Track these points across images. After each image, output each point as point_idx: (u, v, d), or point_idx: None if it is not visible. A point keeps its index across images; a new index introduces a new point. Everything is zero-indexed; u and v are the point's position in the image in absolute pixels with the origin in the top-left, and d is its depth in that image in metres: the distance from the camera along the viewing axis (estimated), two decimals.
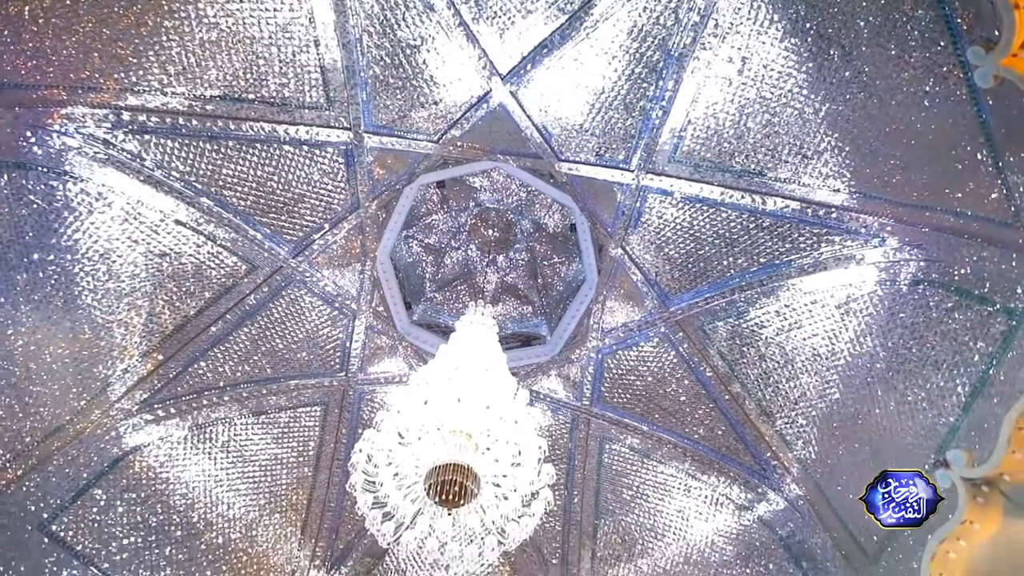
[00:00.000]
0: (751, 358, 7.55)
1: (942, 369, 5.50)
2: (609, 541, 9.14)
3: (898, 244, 5.75)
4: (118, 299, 6.88)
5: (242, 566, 8.12)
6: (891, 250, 5.82)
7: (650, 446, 8.74)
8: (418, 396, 4.64)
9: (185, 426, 7.92)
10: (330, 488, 9.07)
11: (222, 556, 7.96)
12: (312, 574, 8.90)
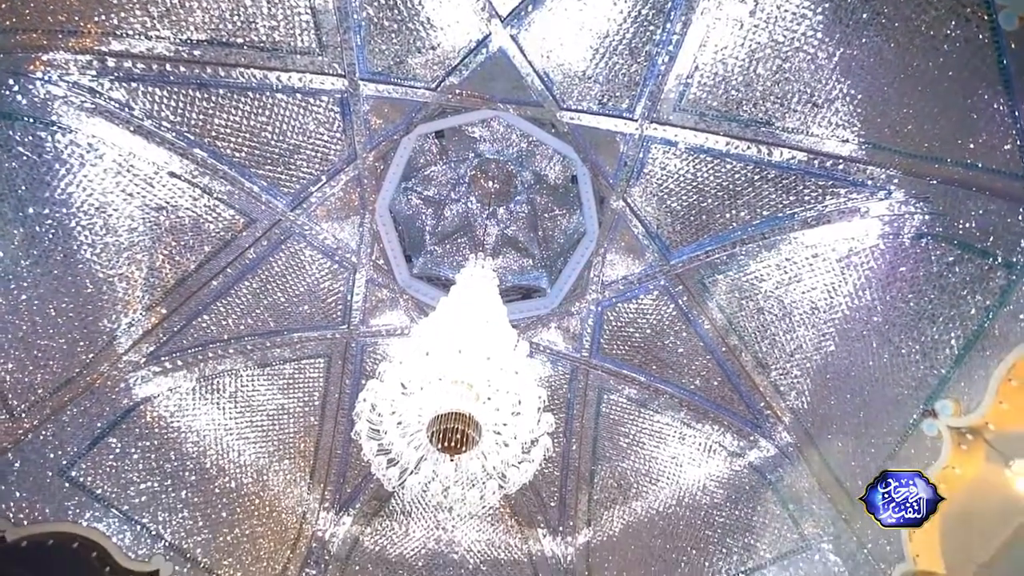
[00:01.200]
0: (750, 311, 7.61)
1: (937, 322, 5.57)
2: (605, 485, 9.56)
3: (904, 197, 5.67)
4: (117, 253, 6.87)
5: (255, 508, 8.54)
6: (896, 203, 5.75)
7: (647, 396, 8.97)
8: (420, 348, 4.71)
9: (193, 378, 8.10)
10: (336, 436, 9.39)
11: (236, 500, 8.36)
12: (322, 515, 9.37)
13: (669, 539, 8.55)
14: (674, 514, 8.71)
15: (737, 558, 7.67)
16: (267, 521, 8.63)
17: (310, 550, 9.02)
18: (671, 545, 8.47)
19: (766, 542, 7.52)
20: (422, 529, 9.70)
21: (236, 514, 8.28)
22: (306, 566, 8.85)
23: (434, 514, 9.76)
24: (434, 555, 9.49)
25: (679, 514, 8.65)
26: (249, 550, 8.23)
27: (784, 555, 7.26)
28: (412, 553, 9.49)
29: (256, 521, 8.48)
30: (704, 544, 8.11)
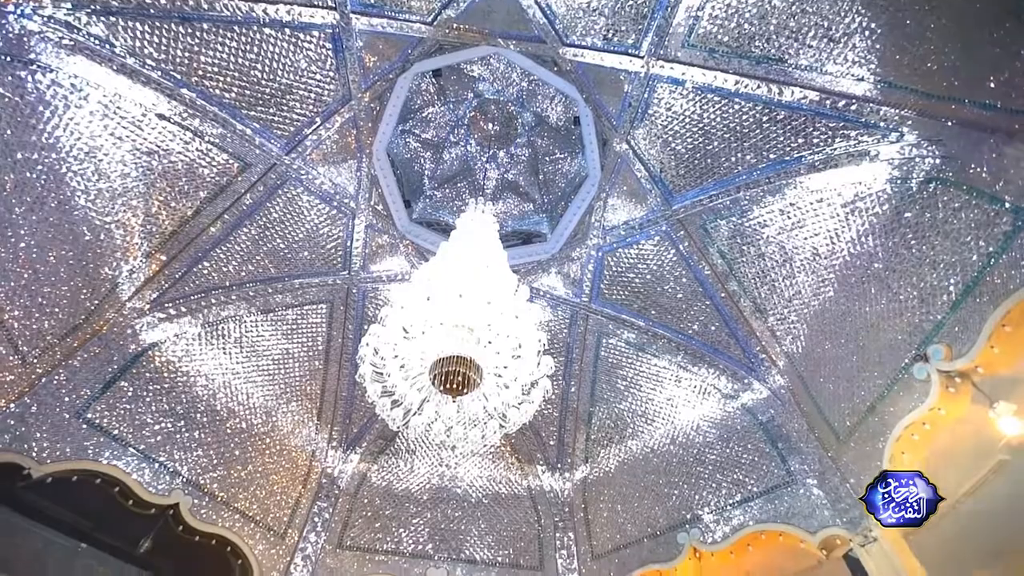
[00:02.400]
0: (750, 257, 7.59)
1: (938, 269, 5.57)
2: (602, 425, 9.92)
3: (916, 139, 5.50)
4: (112, 199, 6.77)
5: (266, 447, 8.91)
6: (908, 146, 5.59)
7: (645, 340, 9.13)
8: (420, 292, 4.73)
9: (197, 324, 8.21)
10: (341, 379, 9.65)
11: (247, 439, 8.70)
12: (331, 454, 9.80)
13: (662, 475, 8.97)
14: (667, 452, 9.09)
15: (726, 492, 8.07)
16: (278, 459, 9.03)
17: (320, 485, 9.50)
18: (664, 480, 8.89)
19: (754, 478, 7.89)
20: (426, 466, 10.16)
21: (248, 452, 8.65)
22: (317, 499, 9.35)
23: (438, 452, 10.21)
24: (438, 490, 10.00)
25: (672, 452, 9.03)
26: (263, 485, 8.67)
27: (770, 489, 7.63)
28: (418, 488, 10.00)
29: (268, 459, 8.88)
30: (695, 479, 8.52)
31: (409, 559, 9.19)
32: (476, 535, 9.65)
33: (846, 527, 6.62)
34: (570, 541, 9.51)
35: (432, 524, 9.66)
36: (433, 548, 9.37)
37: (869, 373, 6.40)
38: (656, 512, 8.72)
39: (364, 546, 9.25)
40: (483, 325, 4.51)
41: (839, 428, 6.95)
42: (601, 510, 9.51)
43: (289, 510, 8.93)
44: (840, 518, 6.72)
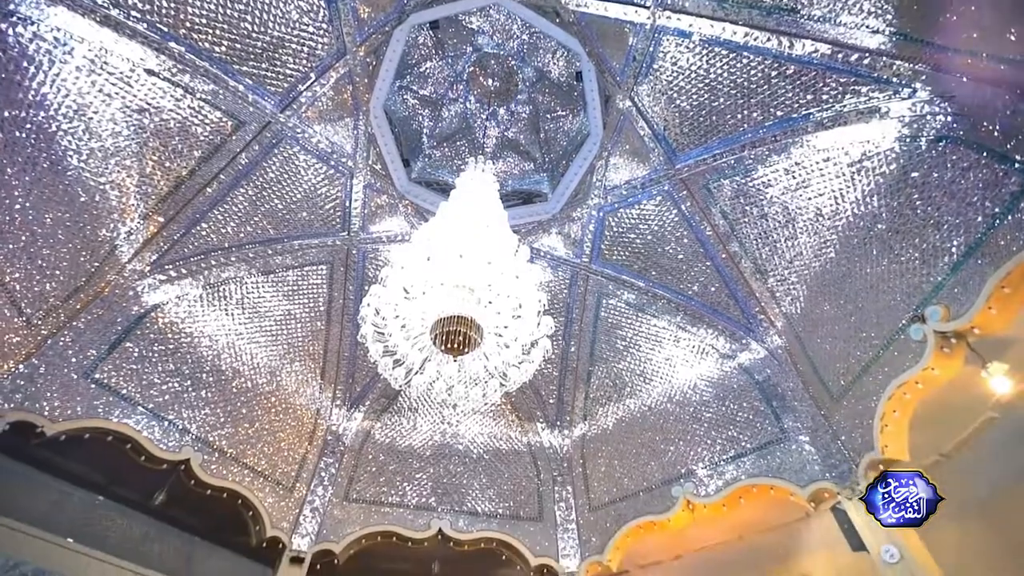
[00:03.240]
0: (753, 217, 7.53)
1: (942, 230, 5.52)
2: (601, 384, 10.10)
3: (928, 96, 5.34)
4: (104, 159, 6.65)
5: (271, 406, 9.11)
6: (919, 102, 5.43)
7: (645, 301, 9.17)
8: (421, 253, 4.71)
9: (198, 285, 8.24)
10: (343, 339, 9.76)
11: (253, 398, 8.89)
12: (335, 412, 10.03)
13: (658, 432, 9.20)
14: (664, 410, 9.30)
15: (720, 448, 8.31)
16: (284, 417, 9.25)
17: (326, 442, 9.78)
18: (660, 437, 9.14)
19: (748, 434, 8.10)
20: (429, 423, 10.43)
21: (255, 411, 8.85)
22: (323, 455, 9.65)
23: (439, 410, 10.45)
24: (441, 446, 10.30)
25: (669, 410, 9.24)
26: (270, 442, 8.92)
27: (763, 445, 7.85)
28: (420, 444, 10.29)
29: (274, 417, 9.10)
30: (691, 436, 8.75)
31: (413, 511, 9.56)
32: (478, 489, 10.00)
33: (835, 481, 6.85)
34: (568, 494, 9.87)
35: (435, 479, 9.99)
36: (436, 501, 9.73)
37: (866, 334, 6.46)
38: (652, 467, 9.01)
39: (370, 499, 9.61)
40: (484, 285, 4.51)
41: (833, 387, 7.08)
42: (599, 465, 9.82)
43: (296, 465, 9.23)
44: (829, 473, 6.94)
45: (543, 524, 9.63)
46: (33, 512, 6.23)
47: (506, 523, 9.62)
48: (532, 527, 9.59)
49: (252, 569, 8.19)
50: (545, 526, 9.60)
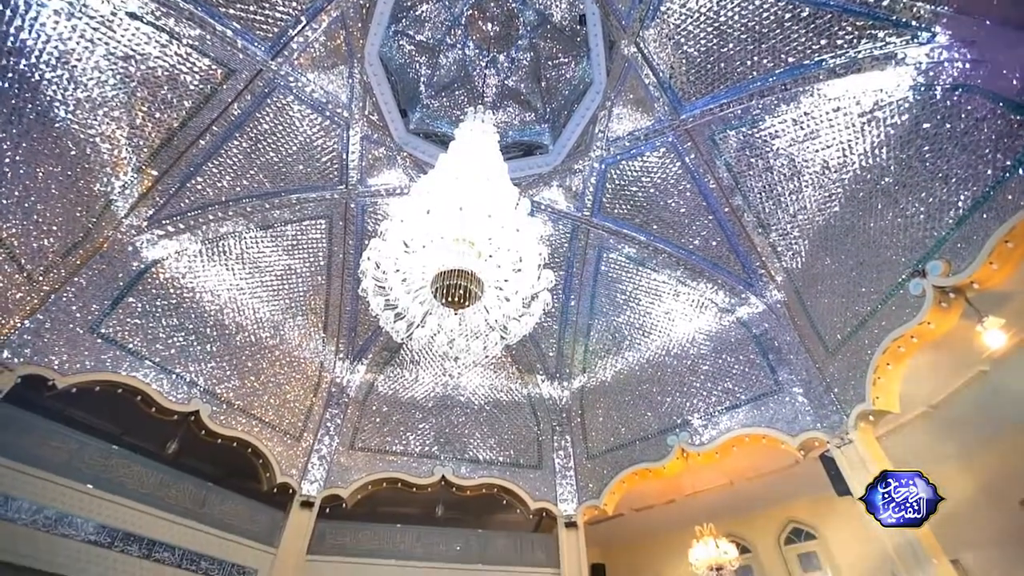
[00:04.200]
0: (758, 170, 7.38)
1: (949, 183, 5.42)
2: (601, 338, 10.24)
3: (948, 41, 5.10)
4: (92, 110, 6.45)
5: (276, 359, 9.27)
6: (938, 48, 5.19)
7: (646, 255, 9.15)
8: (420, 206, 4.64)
9: (197, 240, 8.19)
10: (344, 293, 9.81)
11: (257, 352, 9.03)
12: (338, 365, 10.22)
13: (656, 384, 9.41)
14: (662, 363, 9.47)
15: (715, 399, 8.52)
16: (289, 370, 9.43)
17: (331, 394, 10.02)
18: (657, 389, 9.35)
19: (743, 386, 8.29)
20: (431, 375, 10.64)
21: (260, 364, 9.02)
22: (329, 406, 9.91)
23: (441, 363, 10.63)
24: (443, 397, 10.56)
25: (667, 363, 9.41)
26: (276, 394, 9.14)
27: (758, 397, 8.05)
28: (423, 396, 10.55)
29: (279, 369, 9.28)
30: (687, 388, 8.95)
31: (417, 459, 9.92)
32: (479, 438, 10.34)
33: (825, 431, 7.06)
34: (567, 443, 10.22)
35: (437, 428, 10.31)
36: (439, 449, 10.08)
37: (865, 289, 6.48)
38: (648, 417, 9.27)
39: (375, 448, 9.95)
40: (484, 239, 4.47)
41: (829, 341, 7.17)
42: (597, 415, 10.11)
43: (303, 416, 9.50)
44: (820, 423, 7.15)
45: (542, 471, 10.01)
46: (54, 461, 6.48)
47: (507, 470, 10.01)
48: (532, 474, 9.98)
49: (265, 512, 8.59)
50: (544, 473, 9.99)
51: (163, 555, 7.02)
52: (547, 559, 9.13)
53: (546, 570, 8.97)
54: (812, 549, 10.16)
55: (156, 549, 6.98)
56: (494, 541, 9.45)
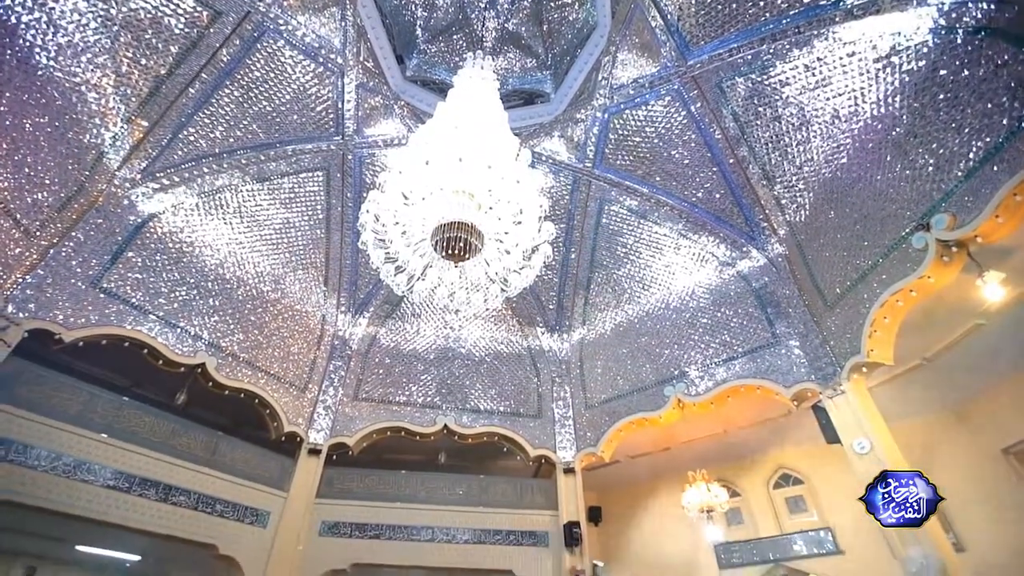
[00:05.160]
0: (766, 119, 7.17)
1: (962, 134, 5.26)
2: (601, 290, 10.28)
3: None
4: (75, 56, 6.20)
5: (278, 312, 9.35)
6: None
7: (648, 208, 9.04)
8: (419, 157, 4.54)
9: (193, 193, 8.07)
10: (344, 247, 9.77)
11: (260, 305, 9.10)
12: (340, 318, 10.32)
13: (654, 337, 9.53)
14: (661, 316, 9.55)
15: (713, 351, 8.65)
16: (291, 323, 9.54)
17: (334, 347, 10.18)
18: (656, 342, 9.48)
19: (741, 339, 8.39)
20: (432, 328, 10.78)
21: (263, 318, 9.10)
22: (332, 359, 10.09)
23: (442, 315, 10.75)
24: (444, 350, 10.73)
25: (666, 316, 9.49)
26: (280, 346, 9.28)
27: (754, 349, 8.16)
28: (424, 348, 10.72)
29: (281, 323, 9.38)
30: (685, 341, 9.07)
31: (420, 409, 10.20)
32: (480, 389, 10.59)
33: (818, 382, 7.21)
34: (566, 393, 10.47)
35: (439, 380, 10.54)
36: (441, 399, 10.35)
37: (868, 242, 6.43)
38: (646, 369, 9.45)
39: (378, 398, 10.21)
40: (484, 191, 4.40)
41: (828, 295, 7.19)
42: (596, 367, 10.31)
43: (307, 368, 9.68)
44: (815, 375, 7.29)
45: (542, 420, 10.32)
46: (68, 412, 6.67)
47: (507, 419, 10.31)
48: (532, 423, 10.29)
49: (274, 459, 8.92)
50: (544, 422, 10.30)
51: (179, 499, 7.35)
52: (546, 502, 9.56)
53: (545, 512, 9.42)
54: (799, 493, 10.62)
55: (172, 493, 7.30)
56: (495, 486, 9.87)
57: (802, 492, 10.61)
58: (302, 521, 8.60)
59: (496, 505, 9.50)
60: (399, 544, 8.86)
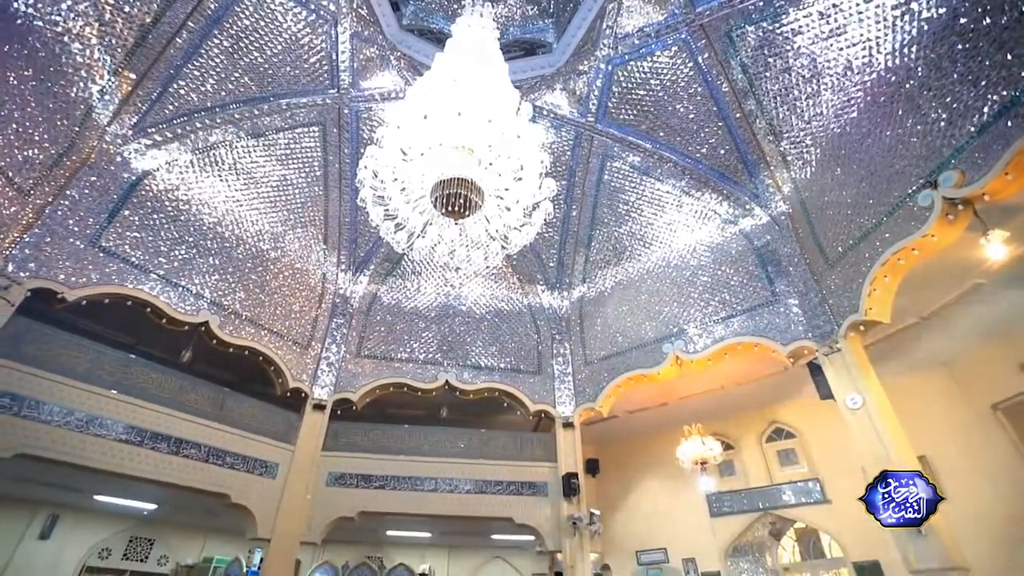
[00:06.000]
0: (776, 71, 6.93)
1: (979, 86, 5.08)
2: (602, 248, 10.25)
3: None
4: (54, 3, 5.92)
5: (279, 271, 9.35)
6: None
7: (651, 164, 8.88)
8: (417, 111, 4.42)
9: (187, 150, 7.91)
10: (342, 204, 9.66)
11: (260, 264, 9.08)
12: (341, 276, 10.33)
13: (654, 295, 9.57)
14: (662, 274, 9.56)
15: (712, 309, 8.70)
16: (292, 282, 9.55)
17: (335, 305, 10.24)
18: (655, 300, 9.53)
19: (740, 297, 8.43)
20: (433, 286, 10.81)
21: (264, 276, 9.11)
22: (334, 316, 10.17)
23: (442, 273, 10.76)
24: (445, 307, 10.81)
25: (666, 274, 9.50)
26: (282, 304, 9.33)
27: (753, 307, 8.21)
28: (425, 306, 10.79)
29: (282, 281, 9.39)
30: (685, 299, 9.11)
31: (422, 365, 10.38)
32: (481, 345, 10.73)
33: (816, 340, 7.29)
34: (566, 350, 10.63)
35: (440, 337, 10.67)
36: (442, 356, 10.51)
37: (873, 200, 6.34)
38: (646, 327, 9.54)
39: (380, 355, 10.37)
40: (484, 146, 4.30)
41: (830, 253, 7.16)
42: (595, 324, 10.41)
43: (310, 326, 9.78)
44: (812, 332, 7.36)
45: (542, 376, 10.52)
46: (77, 369, 6.80)
47: (507, 375, 10.51)
48: (531, 379, 10.49)
49: (280, 414, 9.15)
50: (544, 378, 10.50)
51: (191, 452, 7.60)
52: (545, 455, 9.88)
53: (544, 464, 9.75)
54: (791, 446, 10.95)
55: (184, 447, 7.54)
56: (496, 439, 10.17)
57: (793, 445, 10.93)
58: (309, 472, 8.92)
59: (497, 457, 9.83)
60: (404, 494, 9.22)
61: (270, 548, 7.99)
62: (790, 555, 10.71)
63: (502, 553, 13.29)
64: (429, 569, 12.90)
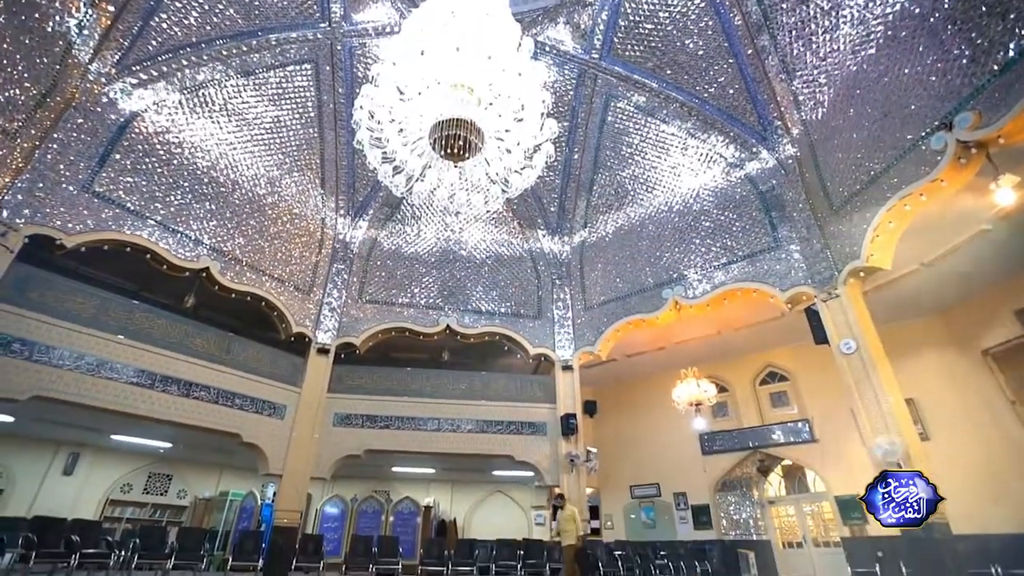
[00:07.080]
0: (792, 3, 6.53)
1: (1007, 19, 4.80)
2: (604, 192, 10.08)
3: None
4: None
5: (277, 216, 9.23)
6: None
7: (656, 104, 8.56)
8: (413, 46, 4.20)
9: (174, 89, 7.60)
10: (339, 147, 9.40)
11: (257, 208, 8.96)
12: (340, 221, 10.22)
13: (656, 241, 9.51)
14: (664, 219, 9.45)
15: (713, 255, 8.68)
16: (291, 228, 9.47)
17: (335, 250, 10.20)
18: (657, 245, 9.48)
19: (742, 243, 8.38)
20: (433, 231, 10.73)
21: (262, 222, 9.02)
22: (334, 262, 10.16)
23: (442, 217, 10.65)
24: (445, 252, 10.78)
25: (669, 219, 9.39)
26: (282, 250, 9.30)
27: (755, 253, 8.18)
28: (425, 251, 10.75)
29: (281, 227, 9.31)
30: (687, 244, 9.06)
31: (423, 310, 10.48)
32: (481, 290, 10.80)
33: (815, 286, 7.31)
34: (566, 295, 10.70)
35: (441, 282, 10.71)
36: (443, 301, 10.60)
37: (885, 142, 6.16)
38: (646, 272, 9.55)
39: (382, 300, 10.45)
40: (483, 84, 4.12)
41: (836, 198, 7.05)
42: (596, 269, 10.42)
43: (311, 271, 9.80)
44: (812, 279, 7.37)
45: (542, 321, 10.65)
46: (83, 316, 6.89)
47: (508, 320, 10.64)
48: (532, 323, 10.63)
49: (286, 358, 9.35)
50: (543, 323, 10.64)
51: (200, 394, 7.84)
52: (545, 396, 10.18)
53: (543, 405, 10.07)
54: (783, 389, 11.26)
55: (194, 389, 7.77)
56: (496, 381, 10.45)
57: (786, 388, 11.24)
58: (316, 413, 9.23)
59: (497, 398, 10.14)
60: (408, 433, 9.59)
61: (282, 483, 8.40)
62: (776, 489, 11.27)
63: (503, 487, 14.02)
64: (434, 501, 13.65)
